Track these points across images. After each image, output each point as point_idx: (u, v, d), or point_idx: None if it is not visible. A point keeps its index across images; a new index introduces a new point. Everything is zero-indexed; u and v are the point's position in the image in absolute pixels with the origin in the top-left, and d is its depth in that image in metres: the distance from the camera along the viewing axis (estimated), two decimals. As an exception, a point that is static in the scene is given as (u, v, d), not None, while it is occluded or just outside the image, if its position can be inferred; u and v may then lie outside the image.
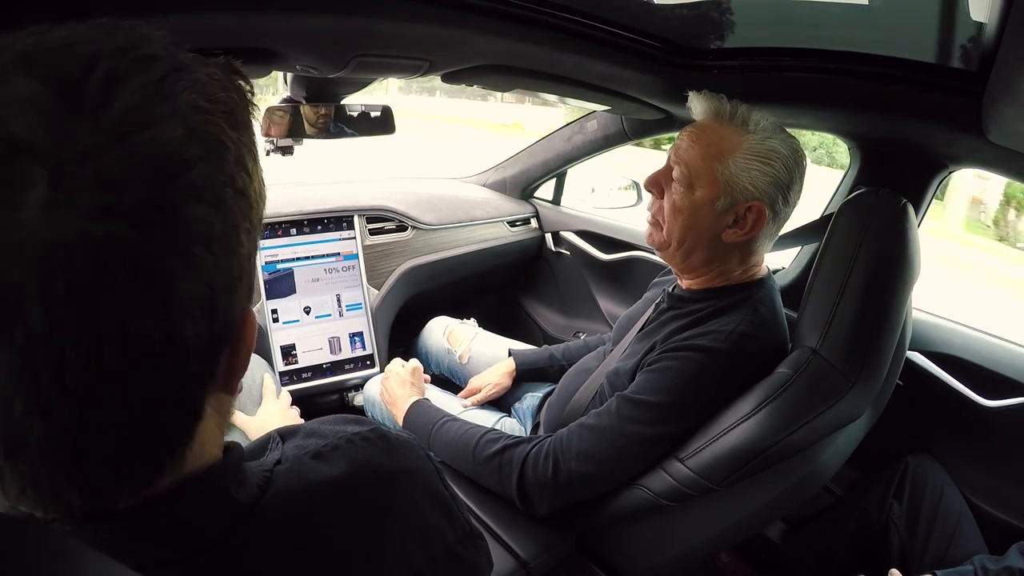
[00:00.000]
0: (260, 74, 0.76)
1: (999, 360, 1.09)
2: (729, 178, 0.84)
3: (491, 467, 0.90)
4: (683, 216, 0.88)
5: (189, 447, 0.30)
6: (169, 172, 0.24)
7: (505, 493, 0.90)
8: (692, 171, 0.86)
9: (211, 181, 0.26)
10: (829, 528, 1.17)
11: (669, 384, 0.83)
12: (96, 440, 0.25)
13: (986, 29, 0.66)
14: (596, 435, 0.85)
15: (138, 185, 0.23)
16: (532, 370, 1.27)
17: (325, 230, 1.38)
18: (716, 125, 0.87)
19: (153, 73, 0.25)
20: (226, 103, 0.28)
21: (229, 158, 0.28)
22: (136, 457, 0.27)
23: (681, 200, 0.88)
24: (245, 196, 0.29)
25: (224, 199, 0.27)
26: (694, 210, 0.87)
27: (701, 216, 0.86)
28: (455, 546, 0.42)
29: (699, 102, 0.89)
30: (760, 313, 0.86)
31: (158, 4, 0.53)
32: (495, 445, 0.91)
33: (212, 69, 0.29)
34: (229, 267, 0.27)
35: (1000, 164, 0.95)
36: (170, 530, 0.29)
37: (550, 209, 1.85)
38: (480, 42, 0.81)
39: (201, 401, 0.29)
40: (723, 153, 0.84)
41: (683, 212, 0.88)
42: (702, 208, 0.86)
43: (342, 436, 0.39)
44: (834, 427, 0.81)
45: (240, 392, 0.36)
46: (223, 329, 0.28)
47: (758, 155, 0.83)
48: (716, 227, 0.87)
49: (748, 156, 0.83)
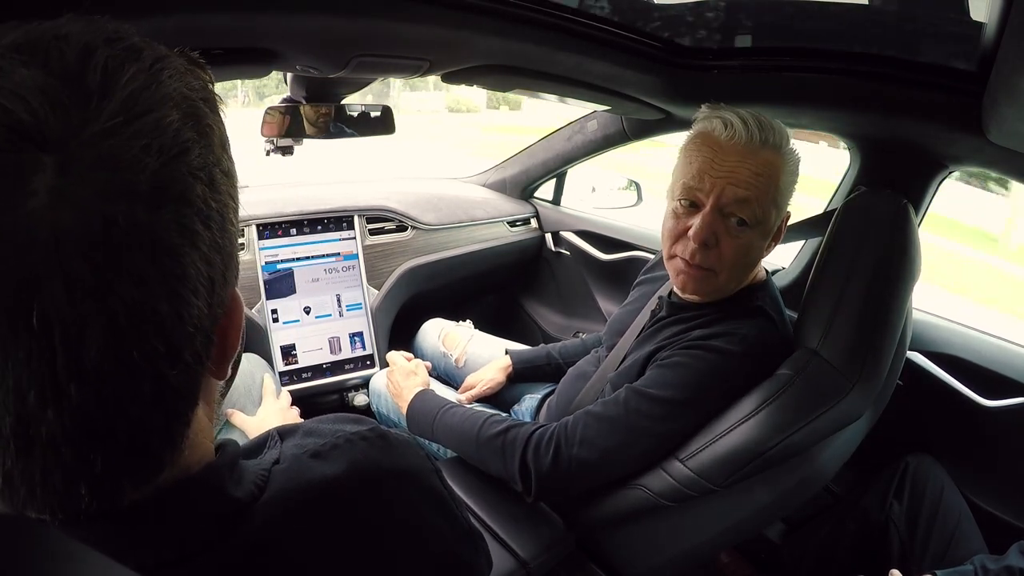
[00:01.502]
0: (260, 74, 0.76)
1: (999, 360, 1.09)
2: (781, 200, 0.84)
3: (494, 446, 0.90)
4: (748, 253, 0.84)
5: (187, 435, 0.30)
6: (173, 154, 0.26)
7: (507, 473, 0.89)
8: (761, 209, 0.81)
9: (205, 162, 0.28)
10: (829, 528, 1.16)
11: (681, 381, 0.82)
12: (109, 427, 0.25)
13: (986, 29, 0.66)
14: (602, 424, 0.85)
15: (147, 167, 0.24)
16: (529, 368, 1.27)
17: (325, 230, 1.38)
18: (754, 150, 0.80)
19: (143, 62, 0.26)
20: (201, 90, 0.29)
21: (215, 140, 0.29)
22: (144, 444, 0.27)
23: (750, 240, 0.83)
24: (229, 176, 0.30)
25: (215, 179, 0.28)
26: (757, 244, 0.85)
27: (760, 247, 0.85)
28: (454, 546, 0.42)
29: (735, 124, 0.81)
30: (771, 317, 0.86)
31: (158, 4, 0.53)
32: (499, 426, 0.91)
33: (181, 59, 0.30)
34: (224, 244, 0.29)
35: (1000, 164, 0.95)
36: (169, 529, 0.29)
37: (550, 209, 1.85)
38: (480, 42, 0.81)
39: (198, 384, 0.30)
40: (773, 180, 0.81)
41: (751, 251, 0.84)
42: (762, 239, 0.85)
43: (341, 435, 0.39)
44: (834, 428, 0.81)
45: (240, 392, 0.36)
46: (218, 306, 0.29)
47: (794, 172, 0.84)
48: (763, 249, 0.86)
49: (788, 175, 0.83)
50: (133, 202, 0.24)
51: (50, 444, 0.24)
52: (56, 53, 0.24)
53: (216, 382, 0.34)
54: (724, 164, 0.81)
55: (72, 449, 0.25)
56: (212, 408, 0.34)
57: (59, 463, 0.25)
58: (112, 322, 0.23)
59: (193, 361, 0.28)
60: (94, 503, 0.27)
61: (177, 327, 0.26)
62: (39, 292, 0.22)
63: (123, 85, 0.25)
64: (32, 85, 0.23)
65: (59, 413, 0.24)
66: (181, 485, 0.30)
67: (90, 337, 0.23)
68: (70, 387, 0.23)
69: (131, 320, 0.24)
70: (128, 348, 0.24)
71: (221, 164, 0.29)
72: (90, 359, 0.23)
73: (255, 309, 1.28)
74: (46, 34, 0.25)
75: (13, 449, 0.24)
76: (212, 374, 0.32)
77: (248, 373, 1.12)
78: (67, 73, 0.24)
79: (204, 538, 0.30)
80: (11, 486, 0.25)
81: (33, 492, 0.26)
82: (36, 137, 0.23)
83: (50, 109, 0.23)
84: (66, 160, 0.23)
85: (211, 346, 0.30)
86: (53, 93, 0.23)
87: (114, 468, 0.27)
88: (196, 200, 0.26)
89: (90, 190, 0.23)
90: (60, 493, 0.26)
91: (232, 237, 0.30)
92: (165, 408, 0.28)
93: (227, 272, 0.30)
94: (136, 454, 0.27)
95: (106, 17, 0.27)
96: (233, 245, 0.30)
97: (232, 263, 0.31)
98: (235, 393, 1.06)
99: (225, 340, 0.31)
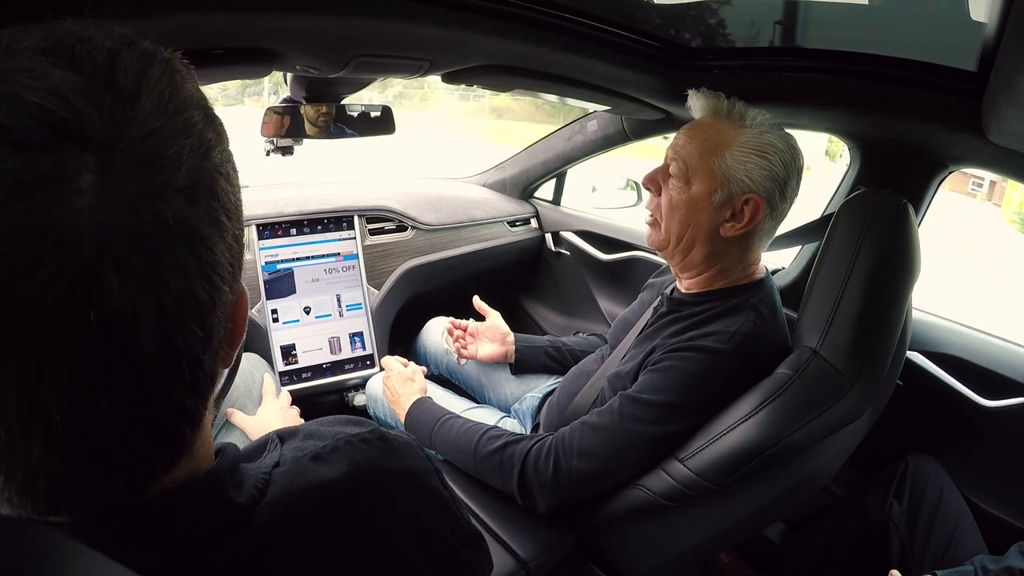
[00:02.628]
0: (260, 74, 0.76)
1: (999, 360, 1.09)
2: (726, 171, 0.84)
3: (492, 463, 0.90)
4: (681, 211, 0.89)
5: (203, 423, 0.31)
6: (201, 151, 0.27)
7: (506, 489, 0.90)
8: (689, 166, 0.87)
9: (223, 159, 0.29)
10: (829, 528, 1.16)
11: (672, 384, 0.83)
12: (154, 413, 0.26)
13: (986, 29, 0.66)
14: (598, 433, 0.85)
15: (184, 164, 0.26)
16: (529, 348, 1.27)
17: (325, 230, 1.38)
18: (713, 121, 0.88)
19: (160, 65, 0.27)
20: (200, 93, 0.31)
21: (225, 139, 0.31)
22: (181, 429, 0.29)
23: (678, 195, 0.88)
24: (237, 173, 0.32)
25: (230, 175, 0.30)
26: (691, 204, 0.88)
27: (698, 210, 0.87)
28: (455, 546, 0.42)
29: (697, 99, 0.90)
30: (762, 314, 0.86)
31: (158, 4, 0.53)
32: (497, 442, 0.91)
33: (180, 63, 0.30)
34: (240, 234, 0.31)
35: (1000, 164, 0.95)
36: (171, 533, 0.30)
37: (550, 209, 1.85)
38: (480, 42, 0.81)
39: (217, 367, 0.31)
40: (719, 147, 0.85)
41: (681, 207, 0.89)
42: (699, 202, 0.87)
43: (341, 438, 0.39)
44: (834, 427, 0.81)
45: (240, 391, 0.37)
46: (234, 293, 0.31)
47: (754, 149, 0.84)
48: (714, 221, 0.87)
49: (745, 150, 0.84)
50: (175, 197, 0.25)
51: (100, 436, 0.25)
52: (85, 55, 0.25)
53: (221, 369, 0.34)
54: (689, 127, 0.90)
55: (120, 439, 0.26)
56: (211, 411, 0.34)
57: (105, 455, 0.26)
58: (161, 310, 0.25)
59: (218, 345, 0.29)
60: (101, 507, 0.27)
61: (212, 312, 0.28)
62: (95, 286, 0.23)
63: (151, 87, 0.26)
64: (72, 86, 0.24)
65: (111, 404, 0.25)
66: (184, 488, 0.30)
67: (142, 326, 0.24)
68: (121, 376, 0.24)
69: (176, 307, 0.25)
70: (173, 334, 0.26)
71: (231, 162, 0.31)
72: (139, 349, 0.24)
73: (255, 309, 1.28)
74: (68, 37, 0.25)
75: (63, 446, 0.24)
76: (223, 362, 0.32)
77: (248, 373, 1.12)
78: (101, 74, 0.25)
79: (206, 541, 0.30)
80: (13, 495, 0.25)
81: (59, 490, 0.26)
82: (79, 136, 0.23)
83: (92, 109, 0.24)
84: (109, 159, 0.24)
85: (228, 331, 0.31)
86: (93, 93, 0.24)
87: (153, 456, 0.28)
88: (221, 194, 0.28)
89: (135, 187, 0.24)
90: (100, 486, 0.27)
91: (242, 229, 0.32)
92: (198, 392, 0.29)
93: (241, 260, 0.31)
94: (173, 440, 0.29)
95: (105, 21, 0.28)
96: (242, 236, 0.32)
97: (242, 252, 0.32)
98: (235, 393, 1.06)
99: (236, 326, 0.32)
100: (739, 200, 0.85)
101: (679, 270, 0.96)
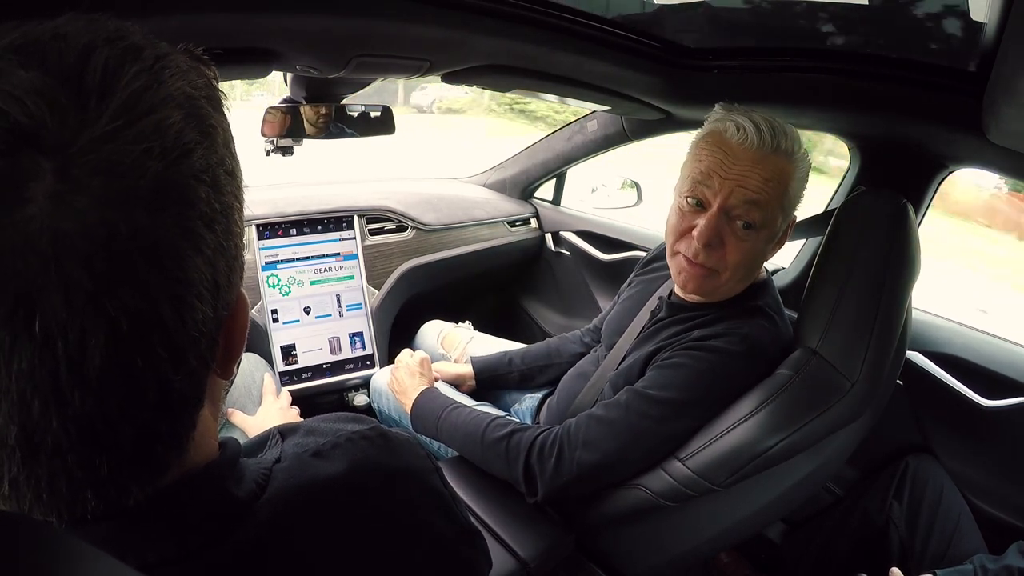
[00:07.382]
0: (260, 74, 0.76)
1: (999, 360, 1.09)
2: (788, 206, 0.84)
3: (498, 450, 0.90)
4: (752, 256, 0.84)
5: (193, 437, 0.30)
6: (175, 156, 0.25)
7: (511, 477, 0.90)
8: (769, 215, 0.81)
9: (208, 163, 0.27)
10: (829, 528, 1.17)
11: (681, 381, 0.83)
12: (114, 431, 0.25)
13: (986, 29, 0.66)
14: (604, 426, 0.85)
15: (148, 170, 0.24)
16: (491, 376, 1.25)
17: (325, 230, 1.38)
18: (766, 156, 0.79)
19: (144, 61, 0.26)
20: (204, 88, 0.29)
21: (219, 140, 0.28)
22: (150, 449, 0.27)
23: (755, 245, 0.82)
24: (234, 176, 0.30)
25: (219, 180, 0.28)
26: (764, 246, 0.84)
27: (763, 250, 0.85)
28: (454, 544, 0.42)
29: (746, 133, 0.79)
30: (771, 316, 0.86)
31: (158, 4, 0.53)
32: (503, 429, 0.91)
33: (184, 57, 0.29)
34: (228, 247, 0.28)
35: (1000, 164, 0.95)
36: (171, 528, 0.30)
37: (550, 209, 1.85)
38: (480, 42, 0.81)
39: (203, 387, 0.30)
40: (783, 185, 0.81)
41: (758, 255, 0.85)
42: (768, 242, 0.85)
43: (342, 434, 0.39)
44: (834, 427, 0.81)
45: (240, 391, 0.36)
46: (224, 309, 0.29)
47: (804, 178, 0.84)
48: (768, 252, 0.87)
49: (798, 182, 0.83)
50: (134, 207, 0.23)
51: (55, 452, 0.24)
52: (55, 53, 0.24)
53: (222, 382, 0.34)
54: (734, 167, 0.80)
55: (77, 456, 0.25)
56: (217, 408, 0.34)
57: (64, 470, 0.25)
58: (114, 330, 0.23)
59: (198, 365, 0.28)
60: (100, 506, 0.27)
61: (181, 332, 0.25)
62: (39, 301, 0.22)
63: (124, 85, 0.24)
64: (30, 87, 0.22)
65: (63, 421, 0.24)
66: (183, 484, 0.30)
67: (92, 345, 0.23)
68: (74, 395, 0.23)
69: (134, 327, 0.23)
70: (131, 355, 0.24)
71: (224, 164, 0.29)
72: (93, 367, 0.23)
73: (255, 309, 1.28)
74: (45, 34, 0.24)
75: (19, 457, 0.24)
76: (218, 375, 0.31)
77: (248, 373, 1.12)
78: (66, 74, 0.23)
79: (205, 536, 0.30)
80: (18, 491, 0.25)
81: (40, 497, 0.26)
82: (34, 141, 0.22)
83: (48, 111, 0.22)
84: (65, 165, 0.22)
85: (216, 348, 0.29)
86: (51, 95, 0.22)
87: (120, 473, 0.27)
88: (199, 202, 0.26)
89: (90, 196, 0.22)
90: (66, 498, 0.26)
91: (237, 239, 0.30)
92: (170, 413, 0.27)
93: (232, 274, 0.29)
94: (142, 459, 0.27)
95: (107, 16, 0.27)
96: (238, 247, 0.30)
97: (237, 265, 0.30)
98: (235, 392, 1.06)
99: (230, 342, 0.31)
100: (790, 227, 0.86)
101: (704, 293, 0.88)
